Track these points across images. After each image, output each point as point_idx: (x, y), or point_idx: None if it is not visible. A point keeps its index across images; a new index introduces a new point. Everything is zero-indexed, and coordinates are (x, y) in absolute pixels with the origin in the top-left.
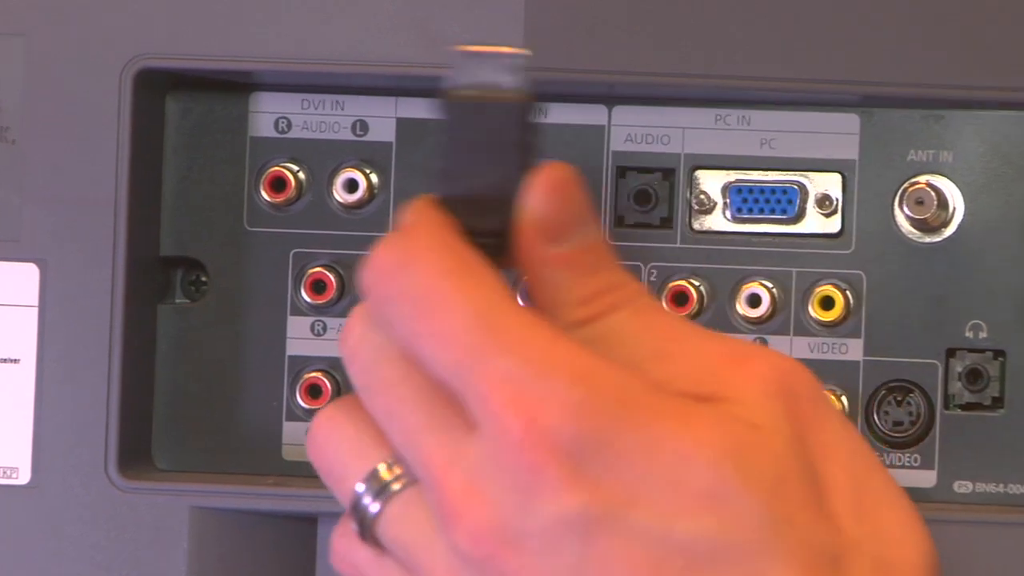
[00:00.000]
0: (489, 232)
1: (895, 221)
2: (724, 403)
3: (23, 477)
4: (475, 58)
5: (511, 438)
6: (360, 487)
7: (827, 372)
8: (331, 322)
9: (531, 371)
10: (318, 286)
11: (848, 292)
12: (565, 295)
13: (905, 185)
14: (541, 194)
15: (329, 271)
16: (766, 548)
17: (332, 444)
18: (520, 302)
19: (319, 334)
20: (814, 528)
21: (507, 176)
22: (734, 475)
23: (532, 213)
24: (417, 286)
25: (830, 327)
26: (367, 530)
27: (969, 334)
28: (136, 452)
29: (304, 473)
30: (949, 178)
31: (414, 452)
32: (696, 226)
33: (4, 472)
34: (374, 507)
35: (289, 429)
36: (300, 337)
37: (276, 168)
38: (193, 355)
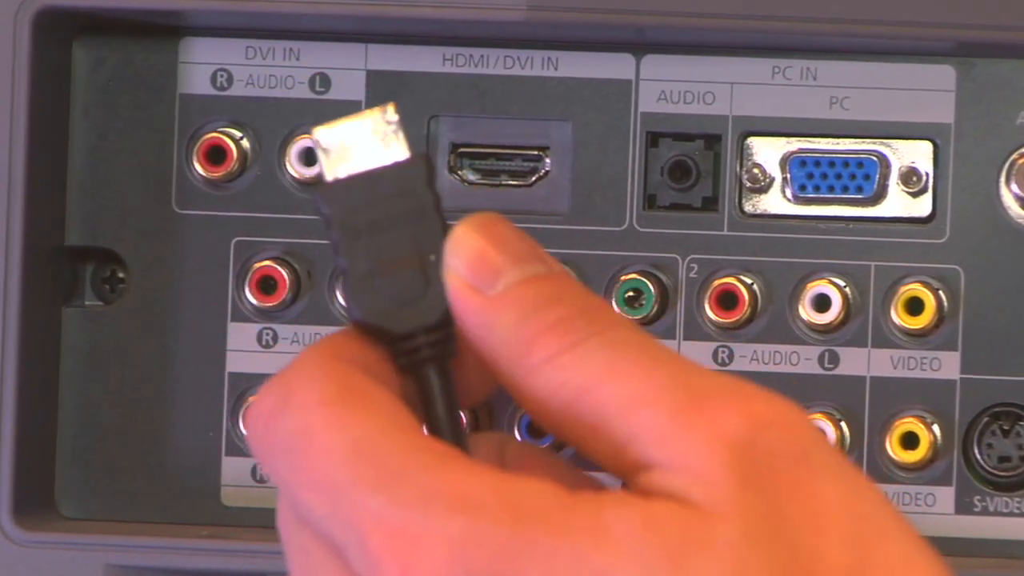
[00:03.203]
0: (433, 326)
1: (1000, 202)
2: (664, 473)
3: None
4: (339, 134)
5: None
6: None
7: (915, 394)
8: (283, 330)
9: (406, 506)
10: (266, 284)
11: (941, 292)
12: (515, 338)
13: (1013, 156)
14: (462, 238)
15: (280, 265)
16: None
17: None
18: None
19: (267, 346)
20: None
21: (429, 247)
22: None
23: (456, 264)
24: (290, 429)
25: (919, 337)
26: None
27: None
28: (37, 496)
29: (248, 522)
30: None
31: None
32: (748, 208)
33: None
34: None
35: (229, 466)
36: (243, 349)
37: (213, 134)
38: (108, 372)
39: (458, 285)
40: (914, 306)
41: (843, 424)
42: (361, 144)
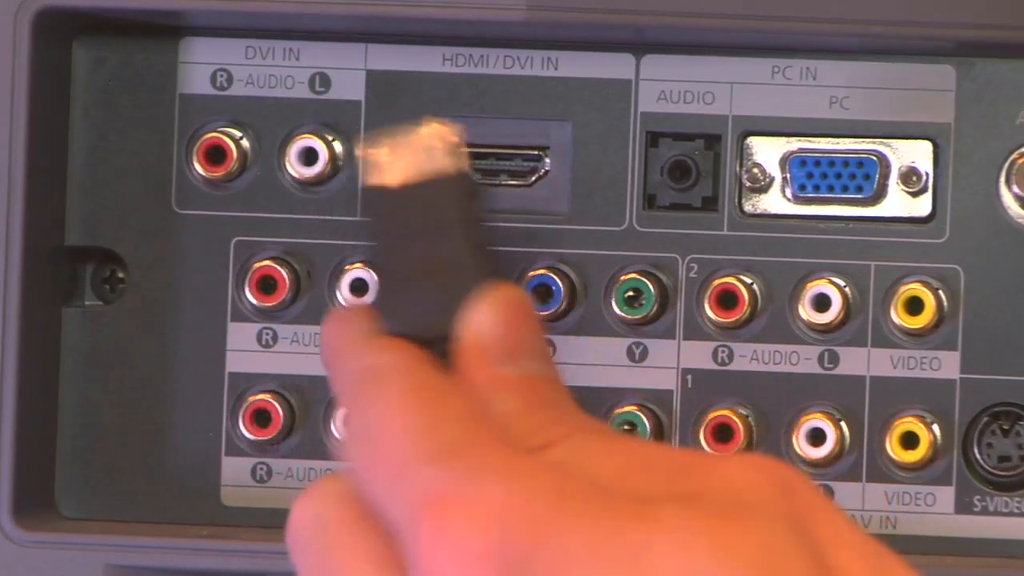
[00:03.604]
0: (439, 336)
1: (1000, 201)
2: (698, 497)
3: None
4: (387, 145)
5: (438, 554)
6: None
7: (915, 393)
8: (282, 330)
9: (452, 473)
10: (266, 284)
11: (941, 292)
12: (513, 424)
13: (1013, 156)
14: (488, 310)
15: (280, 265)
16: None
17: None
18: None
19: (267, 346)
20: None
21: (456, 262)
22: (709, 560)
23: (475, 329)
24: (375, 414)
25: (918, 336)
26: None
27: None
28: (37, 496)
29: (248, 522)
30: None
31: None
32: (748, 208)
33: None
34: None
35: (229, 466)
36: (243, 349)
37: (213, 134)
38: (108, 372)
39: (473, 345)
40: (914, 306)
41: (843, 424)
42: (412, 154)
